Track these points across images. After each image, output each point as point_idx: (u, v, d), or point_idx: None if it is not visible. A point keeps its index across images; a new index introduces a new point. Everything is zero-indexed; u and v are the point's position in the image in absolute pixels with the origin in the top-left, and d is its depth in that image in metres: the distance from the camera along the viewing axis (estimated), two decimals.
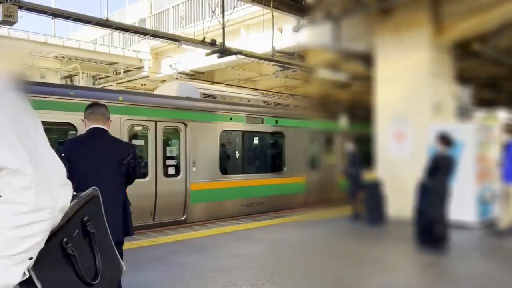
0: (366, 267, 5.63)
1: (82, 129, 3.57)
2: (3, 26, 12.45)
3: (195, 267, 5.43)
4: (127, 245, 3.30)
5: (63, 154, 3.13)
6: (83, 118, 3.38)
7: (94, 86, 18.86)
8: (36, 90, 7.10)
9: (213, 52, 11.60)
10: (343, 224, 8.83)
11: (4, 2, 7.44)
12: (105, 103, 3.55)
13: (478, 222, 8.08)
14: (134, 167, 3.39)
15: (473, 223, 8.02)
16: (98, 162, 3.21)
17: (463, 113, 9.36)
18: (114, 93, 10.42)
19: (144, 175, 8.41)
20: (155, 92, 12.02)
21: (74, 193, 3.05)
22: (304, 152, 11.79)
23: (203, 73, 20.00)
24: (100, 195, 1.56)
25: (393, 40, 9.34)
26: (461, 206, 7.65)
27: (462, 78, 9.95)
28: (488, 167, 8.53)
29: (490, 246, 7.08)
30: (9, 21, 7.56)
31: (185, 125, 9.15)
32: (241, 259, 5.83)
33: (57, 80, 18.71)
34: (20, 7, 8.15)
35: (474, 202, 8.11)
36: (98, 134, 3.30)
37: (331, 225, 8.86)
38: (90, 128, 3.31)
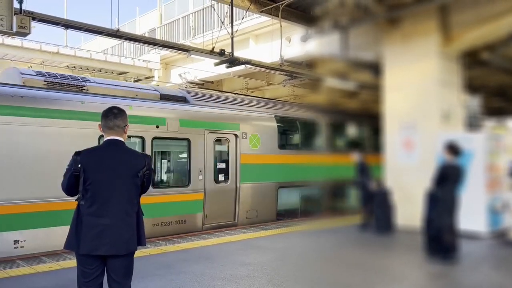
0: (375, 276, 5.60)
1: None
2: (17, 37, 12.72)
3: (203, 276, 5.45)
4: (135, 253, 3.33)
5: (79, 165, 3.18)
6: (99, 125, 3.36)
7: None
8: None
9: (222, 62, 11.70)
10: (352, 233, 8.79)
11: (18, 14, 7.61)
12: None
13: (488, 232, 7.99)
14: (149, 178, 3.41)
15: (484, 233, 7.93)
16: (113, 173, 3.23)
17: (472, 122, 9.30)
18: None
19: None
20: None
21: (82, 202, 3.11)
22: None
23: (212, 82, 20.16)
24: None
25: (401, 49, 9.36)
26: (471, 216, 7.59)
27: (471, 87, 9.91)
28: (498, 177, 8.45)
29: (501, 257, 6.99)
30: (23, 32, 7.70)
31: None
32: (249, 268, 5.84)
33: None
34: (34, 19, 8.32)
35: (484, 212, 8.03)
36: (114, 146, 3.32)
37: (339, 234, 8.83)
38: (106, 140, 3.33)
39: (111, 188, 3.19)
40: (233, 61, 11.60)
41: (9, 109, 7.06)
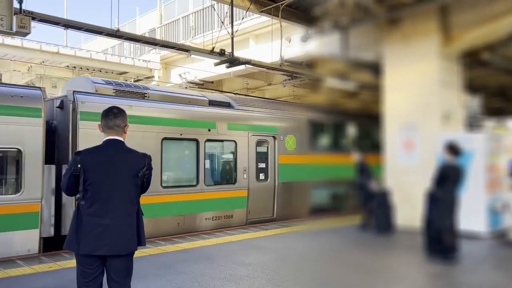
0: (375, 277, 5.60)
1: None
2: (16, 37, 12.72)
3: (203, 276, 5.44)
4: (135, 253, 3.33)
5: (79, 165, 3.17)
6: (99, 125, 3.36)
7: None
8: None
9: (222, 62, 11.70)
10: (352, 233, 8.78)
11: (18, 14, 7.60)
12: None
13: (488, 232, 7.99)
14: (149, 178, 3.41)
15: (484, 233, 7.93)
16: (113, 173, 3.22)
17: (473, 123, 9.30)
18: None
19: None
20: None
21: (82, 202, 3.11)
22: None
23: (212, 82, 20.16)
24: None
25: (402, 49, 9.36)
26: (471, 216, 7.59)
27: (471, 87, 9.91)
28: (498, 177, 8.45)
29: (501, 257, 6.99)
30: (23, 32, 7.70)
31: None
32: (249, 268, 5.84)
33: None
34: (33, 18, 8.32)
35: (484, 212, 8.03)
36: (114, 146, 3.31)
37: (339, 234, 8.82)
38: (106, 140, 3.33)
39: (111, 188, 3.19)
40: (233, 61, 11.60)
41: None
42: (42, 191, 7.05)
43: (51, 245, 7.32)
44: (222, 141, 9.93)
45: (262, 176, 10.52)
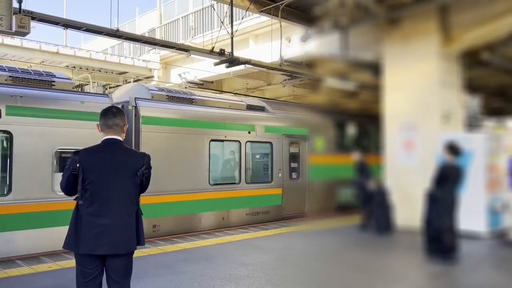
0: (374, 277, 5.59)
1: None
2: (16, 36, 12.70)
3: (203, 276, 5.44)
4: (135, 253, 3.32)
5: (77, 164, 3.16)
6: (97, 124, 3.35)
7: None
8: None
9: (221, 62, 11.69)
10: (351, 233, 8.78)
11: (17, 13, 7.59)
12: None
13: (488, 232, 7.99)
14: (148, 178, 3.40)
15: (483, 233, 7.93)
16: (113, 172, 3.21)
17: (472, 122, 9.30)
18: None
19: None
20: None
21: (81, 202, 3.11)
22: None
23: (212, 82, 20.14)
24: None
25: (401, 49, 9.35)
26: (471, 216, 7.59)
27: (471, 87, 9.91)
28: (498, 177, 8.45)
29: (501, 257, 6.98)
30: (22, 31, 7.68)
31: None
32: (248, 268, 5.83)
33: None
34: (33, 18, 8.29)
35: (484, 212, 8.02)
36: (112, 145, 3.29)
37: (339, 234, 8.82)
38: (105, 139, 3.31)
39: (111, 188, 3.18)
40: (232, 61, 11.59)
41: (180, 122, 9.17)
42: None
43: None
44: (260, 142, 10.86)
45: (294, 175, 11.41)
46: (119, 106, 8.32)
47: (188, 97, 9.88)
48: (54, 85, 7.91)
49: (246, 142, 10.32)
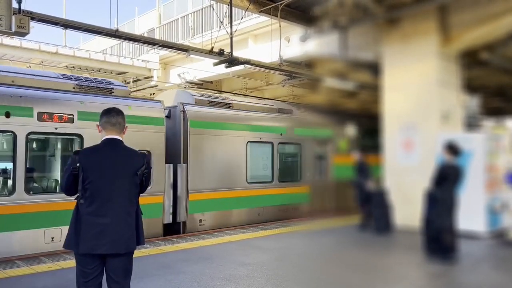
0: (374, 276, 5.60)
1: None
2: (15, 37, 12.69)
3: (203, 276, 5.44)
4: (135, 253, 3.32)
5: (77, 164, 3.16)
6: (98, 124, 3.36)
7: None
8: None
9: (221, 62, 11.69)
10: (351, 233, 8.79)
11: (17, 14, 7.58)
12: None
13: (487, 232, 7.99)
14: (148, 177, 3.41)
15: (483, 233, 7.94)
16: (113, 172, 3.21)
17: (472, 122, 9.31)
18: None
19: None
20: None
21: (82, 201, 3.11)
22: None
23: (211, 82, 20.13)
24: None
25: (401, 49, 9.36)
26: (471, 216, 7.60)
27: (470, 87, 9.91)
28: (498, 177, 8.46)
29: (500, 257, 6.99)
30: (22, 32, 7.67)
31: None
32: (248, 268, 5.83)
33: None
34: (32, 18, 8.29)
35: (484, 212, 8.03)
36: (113, 145, 3.30)
37: (339, 234, 8.82)
38: (105, 139, 3.32)
39: (111, 187, 3.18)
40: (232, 61, 11.58)
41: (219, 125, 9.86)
42: (164, 185, 8.53)
43: (169, 230, 8.82)
44: (290, 143, 11.57)
45: (320, 174, 12.14)
46: (165, 111, 8.93)
47: (226, 102, 10.63)
48: (113, 92, 8.48)
49: (278, 143, 11.08)
